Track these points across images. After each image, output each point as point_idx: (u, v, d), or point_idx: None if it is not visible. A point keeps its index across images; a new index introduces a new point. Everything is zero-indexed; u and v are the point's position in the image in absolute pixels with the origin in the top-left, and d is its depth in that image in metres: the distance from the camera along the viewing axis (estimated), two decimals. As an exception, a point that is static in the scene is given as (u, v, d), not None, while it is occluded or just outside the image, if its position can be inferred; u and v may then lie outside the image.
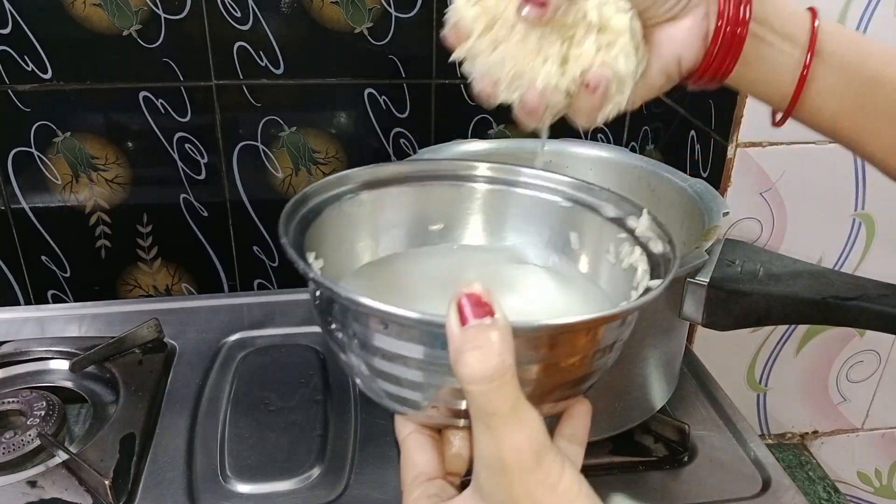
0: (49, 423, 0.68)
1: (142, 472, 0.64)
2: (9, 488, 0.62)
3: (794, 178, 0.75)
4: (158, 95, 0.84)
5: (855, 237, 0.80)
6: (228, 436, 0.69)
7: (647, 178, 0.74)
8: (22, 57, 0.80)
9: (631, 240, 0.46)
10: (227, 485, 0.64)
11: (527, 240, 0.52)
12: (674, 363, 0.69)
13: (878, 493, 0.96)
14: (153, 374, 0.75)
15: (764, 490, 0.64)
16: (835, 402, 0.90)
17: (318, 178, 0.90)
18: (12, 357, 0.78)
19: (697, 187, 0.69)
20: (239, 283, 0.96)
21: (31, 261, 0.90)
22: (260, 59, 0.84)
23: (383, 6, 0.83)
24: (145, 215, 0.90)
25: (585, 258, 0.50)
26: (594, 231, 0.49)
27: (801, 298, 0.56)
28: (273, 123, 0.87)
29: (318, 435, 0.69)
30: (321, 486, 0.64)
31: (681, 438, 0.68)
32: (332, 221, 0.49)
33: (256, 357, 0.81)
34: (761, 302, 0.57)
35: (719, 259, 0.61)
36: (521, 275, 0.50)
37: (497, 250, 0.52)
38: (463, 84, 0.89)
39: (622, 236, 0.46)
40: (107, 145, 0.86)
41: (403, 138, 0.91)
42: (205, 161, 0.88)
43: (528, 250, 0.52)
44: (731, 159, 0.73)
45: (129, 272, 0.93)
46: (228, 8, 0.81)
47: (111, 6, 0.79)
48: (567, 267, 0.50)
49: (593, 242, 0.49)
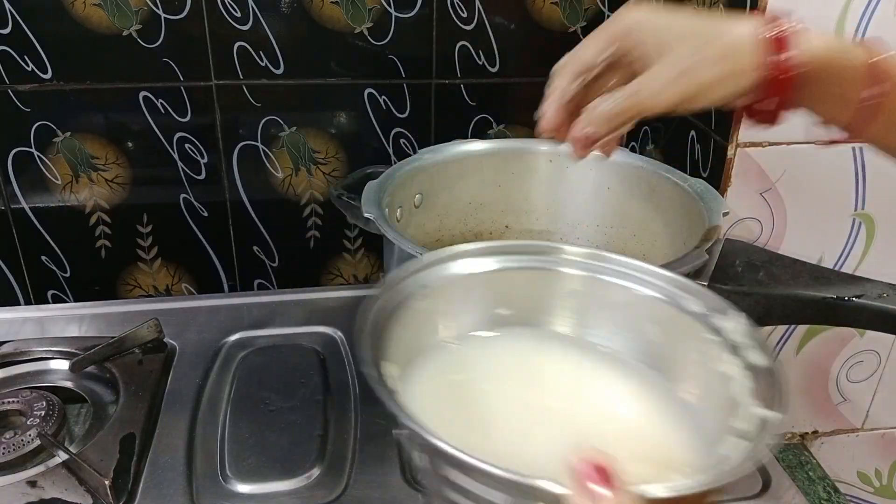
0: (49, 423, 0.68)
1: (142, 472, 0.64)
2: (9, 488, 0.62)
3: (794, 178, 0.75)
4: (158, 95, 0.84)
5: (855, 237, 0.80)
6: (228, 436, 0.69)
7: (647, 177, 0.74)
8: (22, 57, 0.80)
9: (723, 344, 0.43)
10: (227, 485, 0.64)
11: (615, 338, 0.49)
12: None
13: (878, 493, 0.96)
14: (153, 374, 0.75)
15: (764, 490, 0.64)
16: (835, 402, 0.90)
17: (318, 178, 0.91)
18: (12, 357, 0.78)
19: (697, 187, 0.69)
20: (239, 283, 0.96)
21: (31, 261, 0.90)
22: (260, 59, 0.84)
23: (383, 6, 0.83)
24: (145, 215, 0.90)
25: (675, 359, 0.47)
26: (682, 329, 0.46)
27: (801, 298, 0.56)
28: (273, 123, 0.87)
29: (318, 435, 0.69)
30: (321, 486, 0.64)
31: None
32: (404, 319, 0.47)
33: (256, 357, 0.81)
34: (761, 302, 0.57)
35: (719, 259, 0.61)
36: (607, 385, 0.46)
37: (578, 343, 0.49)
38: (463, 84, 0.89)
39: (713, 338, 0.44)
40: (107, 145, 0.86)
41: (403, 138, 0.91)
42: (205, 161, 0.88)
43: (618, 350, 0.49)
44: (731, 159, 0.73)
45: (129, 272, 0.93)
46: (228, 8, 0.81)
47: (111, 6, 0.79)
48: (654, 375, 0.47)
49: (682, 344, 0.46)
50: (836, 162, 0.75)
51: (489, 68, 0.88)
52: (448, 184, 0.79)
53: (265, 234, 0.93)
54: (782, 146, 0.74)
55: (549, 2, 0.86)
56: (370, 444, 0.68)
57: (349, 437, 0.69)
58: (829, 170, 0.75)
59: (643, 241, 0.76)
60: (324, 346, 0.83)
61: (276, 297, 0.93)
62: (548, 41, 0.88)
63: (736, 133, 0.72)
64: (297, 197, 0.91)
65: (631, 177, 0.75)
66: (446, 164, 0.78)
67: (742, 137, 0.72)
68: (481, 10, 0.85)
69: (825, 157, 0.75)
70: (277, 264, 0.96)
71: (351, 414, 0.72)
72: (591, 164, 0.79)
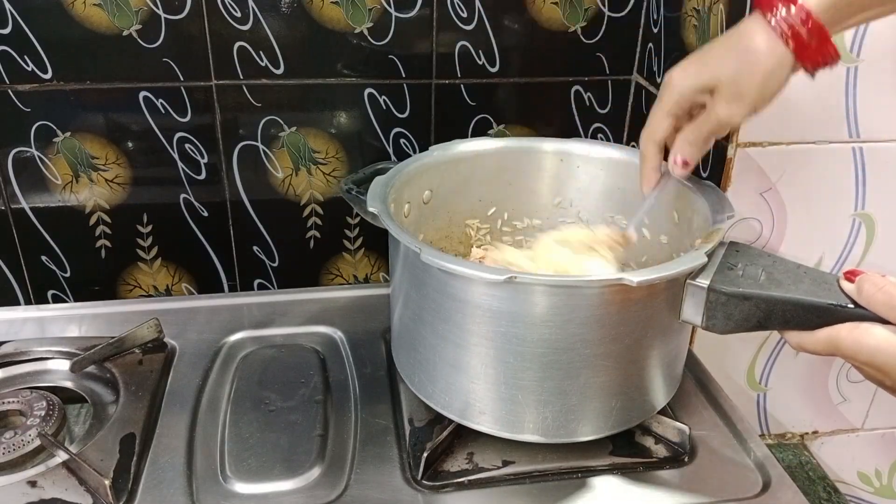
0: (49, 423, 0.68)
1: (142, 472, 0.65)
2: (9, 488, 0.62)
3: (794, 178, 0.75)
4: (158, 95, 0.84)
5: (855, 237, 0.80)
6: (228, 436, 0.69)
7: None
8: (22, 57, 0.79)
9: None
10: (227, 485, 0.64)
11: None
12: (676, 364, 0.69)
13: (878, 493, 0.96)
14: (153, 374, 0.76)
15: (764, 490, 0.64)
16: (835, 402, 0.90)
17: (318, 178, 0.91)
18: (12, 357, 0.78)
19: (705, 189, 0.69)
20: (239, 283, 0.96)
21: (31, 261, 0.90)
22: (260, 59, 0.84)
23: (383, 6, 0.83)
24: (145, 215, 0.90)
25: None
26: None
27: (802, 304, 0.55)
28: (273, 123, 0.87)
29: (318, 435, 0.69)
30: (321, 486, 0.64)
31: (681, 440, 0.68)
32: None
33: (256, 357, 0.81)
34: (762, 306, 0.57)
35: (721, 262, 0.61)
36: None
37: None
38: (463, 84, 0.89)
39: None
40: (107, 145, 0.86)
41: (403, 138, 0.91)
42: (205, 161, 0.88)
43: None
44: (731, 159, 0.73)
45: (129, 272, 0.93)
46: (228, 8, 0.81)
47: (111, 6, 0.79)
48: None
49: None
50: (836, 162, 0.75)
51: (489, 68, 0.88)
52: (458, 181, 0.79)
53: (265, 234, 0.93)
54: (782, 146, 0.74)
55: (549, 2, 0.86)
56: (370, 444, 0.69)
57: (349, 437, 0.69)
58: (829, 170, 0.75)
59: (652, 242, 0.76)
60: (324, 346, 0.83)
61: (276, 297, 0.93)
62: (548, 41, 0.88)
63: (736, 133, 0.72)
64: (297, 197, 0.91)
65: (639, 177, 0.75)
66: (456, 161, 0.79)
67: (742, 137, 0.72)
68: (481, 10, 0.85)
69: (825, 157, 0.75)
70: (277, 264, 0.96)
71: (351, 414, 0.72)
72: (600, 164, 0.79)
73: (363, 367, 0.79)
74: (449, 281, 0.60)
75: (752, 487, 0.65)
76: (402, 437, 0.69)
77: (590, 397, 0.63)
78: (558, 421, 0.63)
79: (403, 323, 0.69)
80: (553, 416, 0.63)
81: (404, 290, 0.67)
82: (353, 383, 0.77)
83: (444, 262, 0.58)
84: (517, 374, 0.61)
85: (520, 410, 0.63)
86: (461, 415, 0.66)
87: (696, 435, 0.70)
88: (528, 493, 0.64)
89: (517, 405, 0.63)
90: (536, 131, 0.93)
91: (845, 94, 0.72)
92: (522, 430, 0.64)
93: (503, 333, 0.60)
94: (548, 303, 0.58)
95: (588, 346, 0.60)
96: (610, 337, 0.60)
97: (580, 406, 0.63)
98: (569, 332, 0.59)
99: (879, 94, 0.72)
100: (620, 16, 0.88)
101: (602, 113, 0.93)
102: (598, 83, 0.92)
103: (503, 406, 0.63)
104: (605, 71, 0.91)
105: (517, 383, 0.62)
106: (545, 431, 0.64)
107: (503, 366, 0.61)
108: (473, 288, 0.59)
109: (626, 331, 0.60)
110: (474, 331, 0.61)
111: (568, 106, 0.92)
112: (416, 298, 0.65)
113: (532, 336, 0.59)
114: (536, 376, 0.61)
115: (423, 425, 0.70)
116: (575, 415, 0.63)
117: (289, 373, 0.78)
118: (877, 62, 0.71)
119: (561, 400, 0.62)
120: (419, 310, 0.65)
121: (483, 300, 0.59)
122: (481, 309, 0.59)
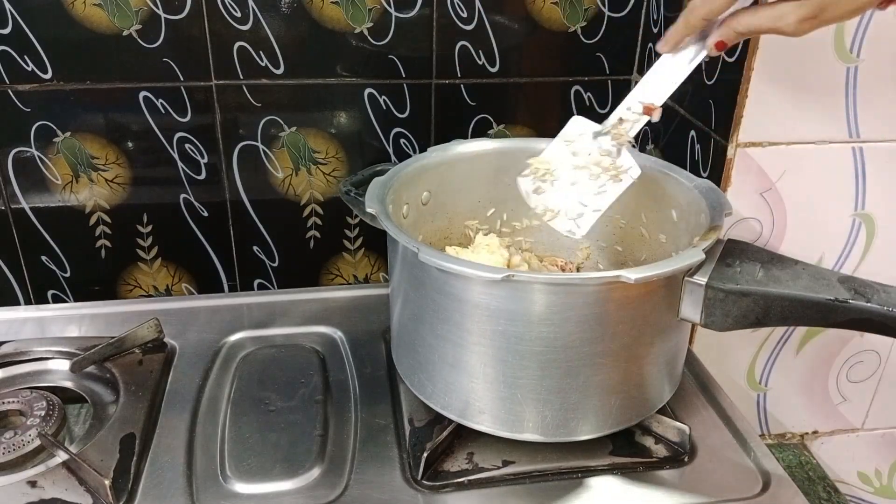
0: (49, 423, 0.68)
1: (142, 472, 0.65)
2: (9, 488, 0.62)
3: (794, 178, 0.75)
4: (158, 95, 0.84)
5: (855, 237, 0.80)
6: (228, 436, 0.69)
7: (653, 177, 0.74)
8: (22, 57, 0.80)
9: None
10: (227, 485, 0.64)
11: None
12: (675, 362, 0.69)
13: (878, 493, 0.96)
14: (153, 374, 0.76)
15: (764, 490, 0.64)
16: (835, 402, 0.90)
17: (318, 178, 0.91)
18: (12, 357, 0.78)
19: (703, 187, 0.69)
20: (239, 283, 0.96)
21: (31, 261, 0.90)
22: (260, 59, 0.84)
23: (383, 6, 0.83)
24: (145, 215, 0.90)
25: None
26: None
27: (800, 299, 0.55)
28: (273, 123, 0.87)
29: (318, 435, 0.69)
30: (321, 486, 0.64)
31: (681, 439, 0.68)
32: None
33: (256, 357, 0.81)
34: (760, 302, 0.57)
35: (719, 259, 0.61)
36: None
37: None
38: (463, 84, 0.89)
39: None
40: (107, 145, 0.86)
41: (403, 138, 0.91)
42: (205, 161, 0.88)
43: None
44: (731, 159, 0.73)
45: (129, 272, 0.93)
46: (228, 8, 0.81)
47: (111, 6, 0.79)
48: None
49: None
50: (836, 162, 0.75)
51: (489, 68, 0.88)
52: (456, 182, 0.79)
53: (265, 234, 0.93)
54: (782, 146, 0.74)
55: (549, 2, 0.86)
56: (370, 444, 0.69)
57: (349, 437, 0.69)
58: (829, 170, 0.75)
59: (652, 240, 0.76)
60: (324, 346, 0.83)
61: (276, 297, 0.93)
62: (548, 41, 0.88)
63: (736, 133, 0.72)
64: (297, 197, 0.92)
65: (641, 176, 0.75)
66: (454, 162, 0.79)
67: (742, 137, 0.72)
68: (481, 10, 0.85)
69: (825, 157, 0.75)
70: (277, 264, 0.96)
71: (351, 414, 0.72)
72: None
73: (363, 367, 0.79)
74: (447, 280, 0.60)
75: (752, 487, 0.65)
76: (402, 437, 0.69)
77: (589, 395, 0.63)
78: (558, 420, 0.63)
79: (403, 323, 0.69)
80: (553, 414, 0.63)
81: (403, 290, 0.67)
82: (352, 383, 0.77)
83: (441, 261, 0.58)
84: (516, 373, 0.61)
85: (519, 409, 0.63)
86: (461, 414, 0.66)
87: (696, 435, 0.69)
88: (528, 493, 0.64)
89: (517, 404, 0.63)
90: (536, 131, 0.93)
91: (845, 94, 0.72)
92: (522, 429, 0.64)
93: (502, 332, 0.60)
94: (546, 301, 0.58)
95: (587, 344, 0.60)
96: (609, 334, 0.60)
97: (580, 404, 0.63)
98: (567, 330, 0.59)
99: (879, 94, 0.72)
100: (620, 16, 0.88)
101: (602, 113, 0.93)
102: (598, 83, 0.92)
103: (503, 405, 0.63)
104: (605, 71, 0.91)
105: (516, 382, 0.62)
106: (545, 430, 0.64)
107: (502, 365, 0.61)
108: (471, 287, 0.59)
109: (624, 328, 0.60)
110: (473, 330, 0.61)
111: (568, 106, 0.92)
112: (414, 298, 0.65)
113: (531, 334, 0.59)
114: (535, 375, 0.61)
115: (422, 425, 0.70)
116: (574, 413, 0.63)
117: (289, 373, 0.78)
118: (877, 62, 0.71)
119: (560, 398, 0.62)
120: (418, 310, 0.65)
121: (481, 299, 0.59)
122: (479, 308, 0.59)
